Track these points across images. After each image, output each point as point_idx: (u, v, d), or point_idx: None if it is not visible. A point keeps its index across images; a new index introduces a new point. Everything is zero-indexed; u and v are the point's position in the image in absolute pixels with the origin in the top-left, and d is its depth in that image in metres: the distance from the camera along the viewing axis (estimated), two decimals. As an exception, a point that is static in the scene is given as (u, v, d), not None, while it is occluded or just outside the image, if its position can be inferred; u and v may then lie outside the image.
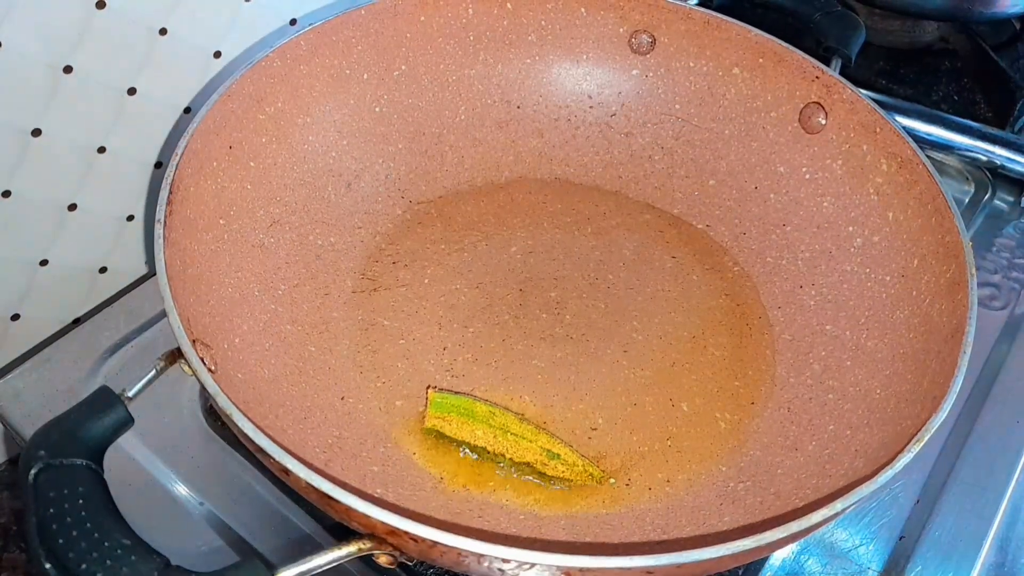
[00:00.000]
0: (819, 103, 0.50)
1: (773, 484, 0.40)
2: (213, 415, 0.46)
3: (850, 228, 0.48)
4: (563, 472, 0.41)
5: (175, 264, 0.37)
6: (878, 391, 0.42)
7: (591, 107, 0.56)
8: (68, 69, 0.47)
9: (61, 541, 0.27)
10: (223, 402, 0.31)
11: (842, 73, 0.51)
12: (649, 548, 0.38)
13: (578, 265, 0.51)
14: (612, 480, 0.41)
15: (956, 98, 0.69)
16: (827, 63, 0.51)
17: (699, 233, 0.53)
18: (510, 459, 0.41)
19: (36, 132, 0.47)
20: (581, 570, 0.28)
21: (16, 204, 0.48)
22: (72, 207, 0.51)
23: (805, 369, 0.46)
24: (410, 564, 0.40)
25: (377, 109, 0.52)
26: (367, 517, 0.29)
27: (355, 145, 0.51)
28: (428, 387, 0.44)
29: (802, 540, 0.43)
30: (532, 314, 0.48)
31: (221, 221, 0.43)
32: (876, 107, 0.47)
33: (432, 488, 0.40)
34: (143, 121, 0.52)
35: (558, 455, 0.41)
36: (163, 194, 0.38)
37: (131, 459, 0.44)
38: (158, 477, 0.44)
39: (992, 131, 0.62)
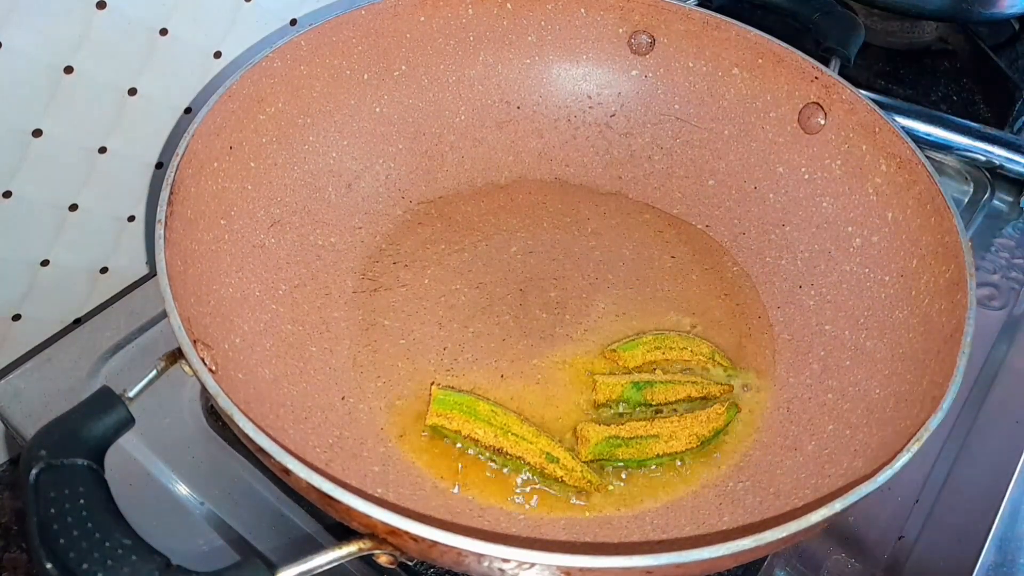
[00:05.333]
0: (818, 103, 0.50)
1: (772, 484, 0.40)
2: (214, 415, 0.46)
3: (849, 228, 0.48)
4: (561, 476, 0.41)
5: (176, 264, 0.37)
6: (877, 391, 0.42)
7: (591, 107, 0.56)
8: (69, 69, 0.47)
9: (62, 541, 0.27)
10: (224, 402, 0.32)
11: (841, 73, 0.51)
12: (649, 548, 0.38)
13: (578, 265, 0.51)
14: (611, 487, 0.41)
15: (955, 98, 0.70)
16: (826, 63, 0.51)
17: (698, 233, 0.54)
18: (510, 459, 0.41)
19: (37, 132, 0.47)
20: (581, 570, 0.28)
21: (17, 204, 0.48)
22: (73, 207, 0.51)
23: (804, 369, 0.46)
24: (410, 564, 0.40)
25: (377, 109, 0.52)
26: (367, 517, 0.29)
27: (355, 145, 0.51)
28: (432, 383, 0.44)
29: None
30: (532, 314, 0.48)
31: (222, 221, 0.43)
32: (875, 107, 0.48)
33: (432, 488, 0.40)
34: (144, 121, 0.52)
35: (557, 459, 0.41)
36: (164, 194, 0.38)
37: (132, 459, 0.44)
38: (159, 477, 0.44)
39: (991, 131, 0.62)
